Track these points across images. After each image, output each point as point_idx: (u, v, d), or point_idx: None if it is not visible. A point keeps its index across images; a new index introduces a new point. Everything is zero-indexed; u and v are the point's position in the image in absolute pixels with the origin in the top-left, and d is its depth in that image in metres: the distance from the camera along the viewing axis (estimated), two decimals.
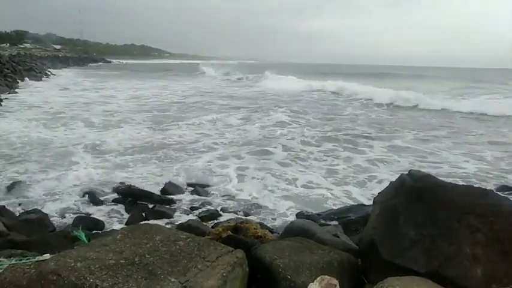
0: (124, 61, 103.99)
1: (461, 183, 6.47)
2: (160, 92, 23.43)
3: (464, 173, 7.57)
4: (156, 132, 10.94)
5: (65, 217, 5.09)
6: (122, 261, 2.04)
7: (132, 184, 6.13)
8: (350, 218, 5.03)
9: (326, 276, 2.30)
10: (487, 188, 2.46)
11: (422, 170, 7.09)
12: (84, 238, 3.21)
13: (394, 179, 2.67)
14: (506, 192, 6.23)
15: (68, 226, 4.74)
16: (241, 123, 12.95)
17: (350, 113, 16.31)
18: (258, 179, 7.01)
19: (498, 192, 6.10)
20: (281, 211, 5.68)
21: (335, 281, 2.27)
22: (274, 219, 5.39)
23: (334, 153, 8.93)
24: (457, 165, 8.13)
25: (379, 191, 2.77)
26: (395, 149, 9.54)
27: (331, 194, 6.41)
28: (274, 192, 6.41)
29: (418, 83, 36.36)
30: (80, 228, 3.77)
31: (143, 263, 2.04)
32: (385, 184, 2.86)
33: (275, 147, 9.29)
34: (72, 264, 1.96)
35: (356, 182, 7.00)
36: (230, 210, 5.54)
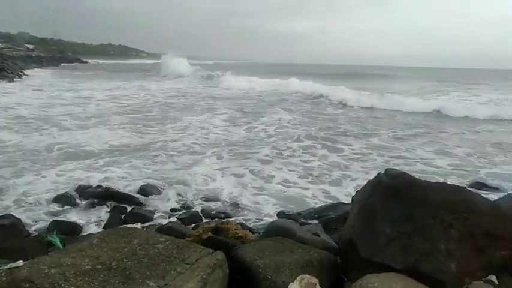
0: (101, 61, 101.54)
1: (436, 180, 6.72)
2: (138, 92, 23.03)
3: (438, 170, 7.80)
4: (135, 133, 10.76)
5: (39, 222, 4.93)
6: (98, 266, 1.99)
7: (111, 186, 6.00)
8: (330, 217, 5.09)
9: (306, 275, 2.32)
10: (460, 185, 2.53)
11: (398, 167, 7.30)
12: (58, 243, 3.12)
13: (370, 177, 2.72)
14: (483, 189, 6.45)
15: (43, 231, 4.59)
16: (222, 124, 12.92)
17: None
18: (239, 179, 7.00)
19: (471, 188, 6.35)
20: (262, 211, 5.69)
21: (315, 280, 2.29)
22: (256, 219, 5.39)
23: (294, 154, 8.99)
24: (431, 162, 8.37)
25: (357, 190, 2.81)
26: (367, 148, 9.72)
27: (311, 193, 6.47)
28: (256, 192, 6.41)
29: (392, 83, 37.08)
30: (55, 233, 3.66)
31: (121, 268, 2.00)
32: (362, 182, 2.91)
33: (261, 147, 9.31)
34: (46, 270, 1.90)
35: (332, 180, 7.10)
36: (211, 212, 5.50)
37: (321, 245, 2.83)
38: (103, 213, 5.26)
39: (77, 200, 5.56)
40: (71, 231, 4.59)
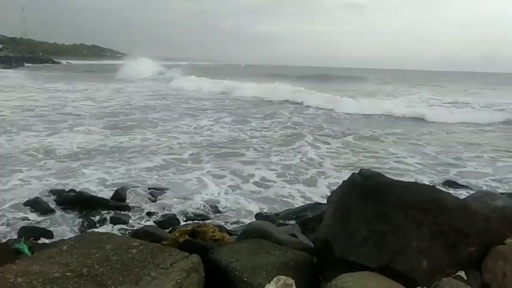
0: (74, 61, 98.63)
1: (411, 179, 6.92)
2: (114, 94, 22.49)
3: (410, 169, 8.03)
4: (109, 135, 10.53)
5: (7, 228, 4.73)
6: (68, 273, 1.93)
7: (84, 190, 5.84)
8: (308, 217, 5.14)
9: (282, 277, 2.33)
10: (430, 184, 2.60)
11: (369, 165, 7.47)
12: (27, 251, 3.00)
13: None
14: (454, 187, 6.68)
15: (12, 237, 4.41)
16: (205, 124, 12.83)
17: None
18: (217, 180, 6.96)
19: (443, 187, 6.57)
20: (241, 212, 5.68)
21: (291, 281, 2.30)
22: (234, 221, 5.37)
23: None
24: (404, 161, 8.61)
25: (333, 190, 2.85)
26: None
27: (289, 193, 6.52)
28: (235, 193, 6.40)
29: (360, 84, 37.80)
30: (23, 239, 3.52)
31: (92, 274, 1.94)
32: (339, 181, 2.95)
33: (244, 148, 9.28)
34: (12, 279, 1.83)
35: (306, 178, 7.18)
36: (189, 214, 5.45)
37: (298, 246, 2.85)
38: (76, 218, 5.10)
39: (49, 205, 5.37)
40: (41, 237, 4.43)
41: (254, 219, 5.35)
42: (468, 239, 2.33)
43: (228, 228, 4.93)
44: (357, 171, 2.66)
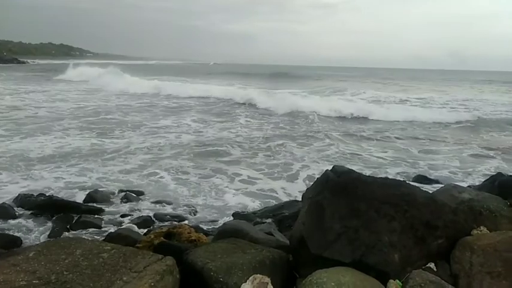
0: (40, 61, 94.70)
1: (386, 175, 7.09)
2: (85, 96, 21.63)
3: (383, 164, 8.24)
4: (80, 137, 10.21)
5: None
6: (35, 281, 1.85)
7: (55, 194, 5.64)
8: (284, 215, 5.17)
9: (258, 275, 2.33)
10: (401, 179, 2.67)
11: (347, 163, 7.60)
12: None
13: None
14: (425, 182, 6.89)
15: None
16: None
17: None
18: (192, 181, 6.89)
19: (415, 182, 6.77)
20: (217, 212, 5.65)
21: (267, 279, 2.31)
22: (211, 221, 5.33)
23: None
24: (379, 156, 8.82)
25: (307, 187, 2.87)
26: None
27: (268, 191, 6.54)
28: (210, 193, 6.35)
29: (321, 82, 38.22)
30: None
31: (60, 281, 1.88)
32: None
33: (227, 148, 9.21)
34: None
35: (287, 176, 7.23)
36: (165, 216, 5.36)
37: (274, 244, 2.86)
38: (46, 223, 4.92)
39: (16, 211, 5.15)
40: (8, 244, 4.23)
41: (232, 219, 5.34)
42: (437, 232, 2.41)
43: (205, 229, 4.89)
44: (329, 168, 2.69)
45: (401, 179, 6.62)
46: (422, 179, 7.09)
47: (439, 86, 38.47)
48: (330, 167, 3.07)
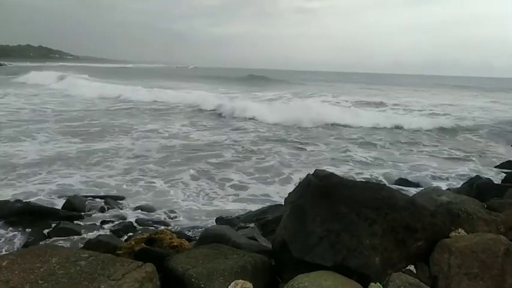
0: (18, 64, 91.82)
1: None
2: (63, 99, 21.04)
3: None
4: (58, 142, 9.97)
5: None
6: None
7: (32, 201, 5.48)
8: (268, 219, 5.16)
9: (240, 281, 2.31)
10: (381, 183, 2.70)
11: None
12: None
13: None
14: (406, 185, 7.01)
15: None
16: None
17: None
18: (174, 186, 6.83)
19: (396, 185, 6.88)
20: (201, 217, 5.59)
21: (249, 284, 2.29)
22: (194, 226, 5.27)
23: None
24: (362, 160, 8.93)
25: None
26: None
27: (251, 195, 6.53)
28: (193, 198, 6.30)
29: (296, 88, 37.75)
30: None
31: None
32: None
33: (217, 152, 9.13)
34: None
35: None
36: (147, 221, 5.28)
37: (256, 249, 2.84)
38: (22, 231, 4.76)
39: None
40: None
41: (214, 224, 5.29)
42: (416, 234, 2.44)
43: (188, 234, 4.83)
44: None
45: (382, 182, 6.75)
46: (404, 182, 7.22)
47: (418, 91, 39.22)
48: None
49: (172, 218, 5.51)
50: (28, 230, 4.79)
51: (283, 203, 5.71)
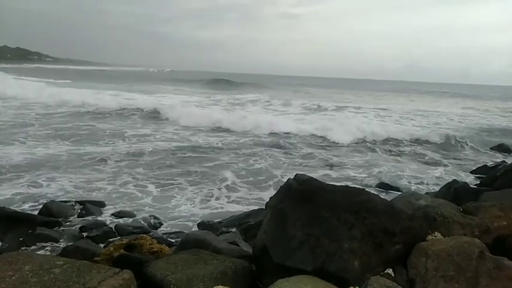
0: None
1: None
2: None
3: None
4: (38, 146, 9.73)
5: None
6: None
7: (7, 206, 5.30)
8: (250, 223, 5.15)
9: (220, 286, 2.29)
10: (360, 187, 2.73)
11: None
12: None
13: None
14: (386, 189, 7.13)
15: None
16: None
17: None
18: (157, 190, 6.74)
19: (377, 188, 6.98)
20: (182, 223, 5.54)
21: None
22: (175, 232, 5.20)
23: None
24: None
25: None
26: None
27: (235, 199, 6.51)
28: (175, 203, 6.23)
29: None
30: None
31: None
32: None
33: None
34: None
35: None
36: (127, 227, 5.17)
37: (237, 254, 2.83)
38: None
39: None
40: None
41: (196, 229, 5.25)
42: (394, 238, 2.47)
43: (170, 240, 4.77)
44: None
45: (362, 187, 6.84)
46: (384, 186, 7.33)
47: (398, 97, 39.91)
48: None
49: (153, 224, 5.43)
50: (2, 236, 4.64)
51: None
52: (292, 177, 2.72)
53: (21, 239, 4.60)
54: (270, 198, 2.95)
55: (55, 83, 33.19)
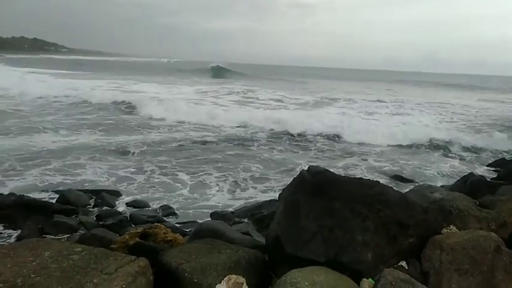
0: (11, 56, 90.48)
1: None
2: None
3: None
4: (60, 135, 9.93)
5: None
6: (0, 285, 1.78)
7: (25, 194, 5.45)
8: (263, 214, 5.18)
9: (233, 276, 2.32)
10: (374, 179, 2.72)
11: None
12: None
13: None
14: (400, 181, 7.07)
15: None
16: None
17: None
18: (170, 180, 6.83)
19: (391, 180, 6.92)
20: (196, 212, 5.61)
21: (242, 279, 2.30)
22: (189, 221, 5.28)
23: None
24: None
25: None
26: None
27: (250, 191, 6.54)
28: (189, 193, 6.31)
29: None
30: None
31: (27, 284, 1.81)
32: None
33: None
34: None
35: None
36: (141, 216, 5.27)
37: (250, 244, 2.85)
38: (16, 224, 4.74)
39: None
40: None
41: (209, 219, 5.30)
42: (408, 231, 2.46)
43: (185, 230, 4.84)
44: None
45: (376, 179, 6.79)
46: (398, 178, 7.27)
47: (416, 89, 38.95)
48: None
49: (168, 213, 5.51)
50: (21, 223, 4.78)
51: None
52: (305, 169, 2.72)
53: (39, 226, 4.72)
54: (283, 189, 2.96)
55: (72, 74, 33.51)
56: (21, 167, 6.93)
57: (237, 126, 12.50)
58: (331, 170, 2.77)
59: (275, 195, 5.43)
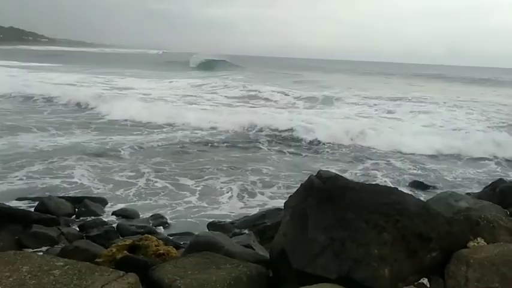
0: None
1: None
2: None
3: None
4: (42, 137, 9.96)
5: None
6: None
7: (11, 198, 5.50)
8: (266, 225, 5.18)
9: None
10: (392, 186, 2.72)
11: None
12: None
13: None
14: (420, 189, 7.06)
15: None
16: None
17: None
18: (161, 188, 6.85)
19: (410, 187, 6.93)
20: (191, 222, 5.62)
21: None
22: (183, 232, 5.29)
23: None
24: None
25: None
26: None
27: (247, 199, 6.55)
28: (183, 202, 6.32)
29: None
30: None
31: None
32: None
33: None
34: None
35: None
36: (130, 227, 5.28)
37: (252, 258, 2.86)
38: None
39: None
40: None
41: (206, 230, 5.31)
42: (430, 244, 2.46)
43: (178, 242, 4.84)
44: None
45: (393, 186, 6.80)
46: (418, 184, 7.26)
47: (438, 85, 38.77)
48: None
49: (159, 224, 5.52)
50: None
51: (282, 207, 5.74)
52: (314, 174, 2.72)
53: (16, 237, 4.74)
54: (289, 197, 2.96)
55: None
56: None
57: (236, 127, 12.52)
58: (343, 176, 2.77)
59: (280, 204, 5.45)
